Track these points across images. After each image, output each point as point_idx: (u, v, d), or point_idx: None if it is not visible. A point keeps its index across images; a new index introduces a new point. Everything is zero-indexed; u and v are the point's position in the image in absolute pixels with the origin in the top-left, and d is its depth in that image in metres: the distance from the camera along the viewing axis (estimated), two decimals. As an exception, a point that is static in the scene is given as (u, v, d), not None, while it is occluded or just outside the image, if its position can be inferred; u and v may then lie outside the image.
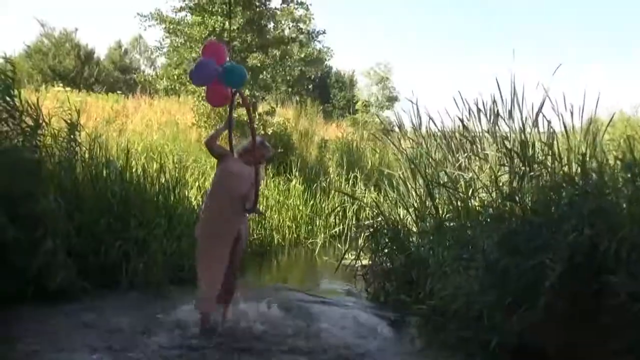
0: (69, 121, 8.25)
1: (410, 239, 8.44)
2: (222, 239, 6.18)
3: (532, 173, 6.45)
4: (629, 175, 5.62)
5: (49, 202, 7.13)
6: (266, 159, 6.81)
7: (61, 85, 24.05)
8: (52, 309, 6.55)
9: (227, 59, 6.45)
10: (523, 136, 7.54)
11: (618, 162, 5.96)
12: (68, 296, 6.97)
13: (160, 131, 16.67)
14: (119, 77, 41.82)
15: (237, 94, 6.34)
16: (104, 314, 6.56)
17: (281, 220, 12.14)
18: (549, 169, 6.56)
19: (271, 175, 13.40)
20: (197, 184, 11.14)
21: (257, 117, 14.12)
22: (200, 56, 6.44)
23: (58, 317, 6.36)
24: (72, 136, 8.25)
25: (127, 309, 6.80)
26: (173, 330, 6.07)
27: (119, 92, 25.47)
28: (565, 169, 6.73)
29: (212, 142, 6.42)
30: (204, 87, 7.98)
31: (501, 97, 8.70)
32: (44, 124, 7.92)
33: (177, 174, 10.17)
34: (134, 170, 9.45)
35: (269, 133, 13.86)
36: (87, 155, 8.64)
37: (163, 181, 9.44)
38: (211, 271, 6.13)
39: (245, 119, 13.17)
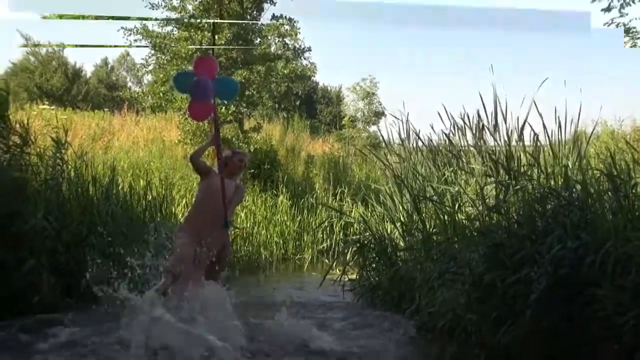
0: (55, 139, 8.22)
1: (398, 254, 8.44)
2: (200, 256, 6.20)
3: (517, 186, 6.47)
4: (612, 187, 5.66)
5: (37, 221, 7.11)
6: (245, 164, 6.85)
7: (47, 103, 24.01)
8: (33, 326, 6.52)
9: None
10: (508, 149, 7.56)
11: (602, 173, 5.99)
12: (51, 313, 6.90)
13: (147, 148, 16.66)
14: (105, 94, 41.75)
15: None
16: (77, 330, 6.45)
17: (269, 236, 12.14)
18: (534, 182, 6.58)
19: (258, 191, 13.41)
20: (183, 200, 11.13)
21: (242, 133, 14.13)
22: (191, 71, 6.44)
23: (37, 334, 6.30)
24: (58, 154, 8.22)
25: (100, 325, 6.68)
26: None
27: (105, 109, 25.39)
28: (551, 182, 6.75)
29: (197, 157, 6.46)
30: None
31: (485, 111, 8.75)
32: (30, 142, 7.91)
33: (163, 191, 10.15)
34: (120, 187, 9.44)
35: (252, 150, 13.86)
36: (72, 174, 8.61)
37: (150, 198, 9.42)
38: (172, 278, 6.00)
39: (230, 136, 13.23)
